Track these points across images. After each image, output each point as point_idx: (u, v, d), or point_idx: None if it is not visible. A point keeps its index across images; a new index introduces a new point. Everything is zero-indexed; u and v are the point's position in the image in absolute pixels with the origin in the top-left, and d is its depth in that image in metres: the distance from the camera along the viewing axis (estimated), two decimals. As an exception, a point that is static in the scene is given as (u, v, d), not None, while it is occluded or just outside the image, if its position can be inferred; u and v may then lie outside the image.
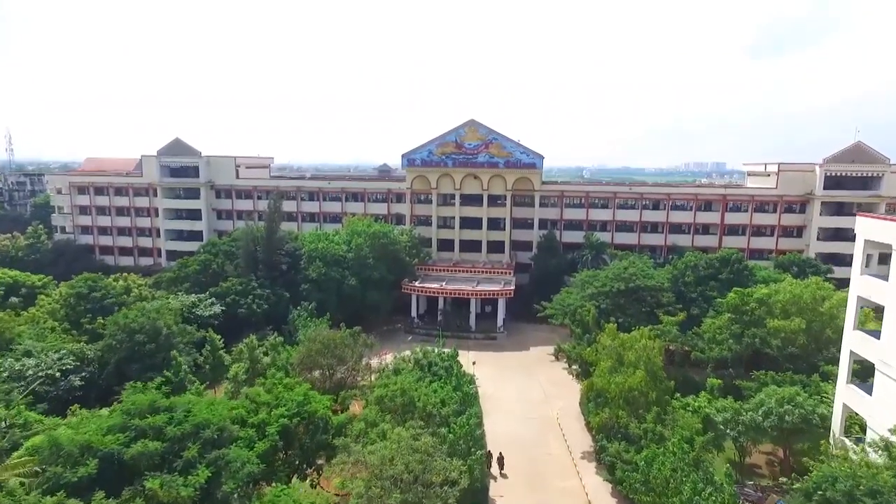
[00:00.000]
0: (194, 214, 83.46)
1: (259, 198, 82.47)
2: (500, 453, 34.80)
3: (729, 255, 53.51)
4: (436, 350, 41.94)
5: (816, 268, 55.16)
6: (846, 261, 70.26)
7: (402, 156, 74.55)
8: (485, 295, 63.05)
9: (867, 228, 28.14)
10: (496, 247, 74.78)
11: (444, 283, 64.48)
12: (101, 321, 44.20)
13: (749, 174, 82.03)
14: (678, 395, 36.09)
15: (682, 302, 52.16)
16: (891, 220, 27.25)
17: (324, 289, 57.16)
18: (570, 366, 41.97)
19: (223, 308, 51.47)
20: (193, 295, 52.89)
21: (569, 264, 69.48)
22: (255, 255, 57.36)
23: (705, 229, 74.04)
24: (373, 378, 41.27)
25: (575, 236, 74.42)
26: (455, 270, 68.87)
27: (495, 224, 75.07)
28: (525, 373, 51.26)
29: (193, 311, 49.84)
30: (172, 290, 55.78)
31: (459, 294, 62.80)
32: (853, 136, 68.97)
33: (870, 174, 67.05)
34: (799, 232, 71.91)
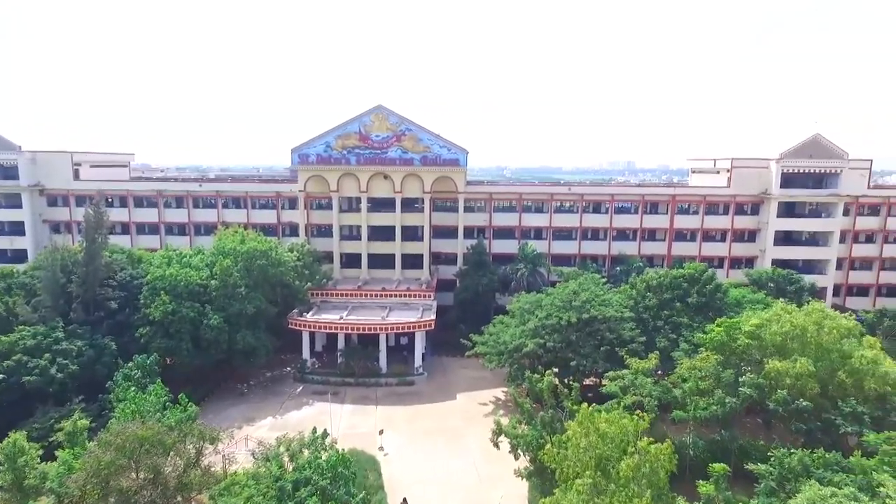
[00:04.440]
0: (16, 228, 63.55)
1: (111, 204, 64.33)
2: (405, 499, 29.90)
3: (697, 272, 43.30)
4: (318, 441, 27.83)
5: (799, 284, 46.13)
6: (797, 267, 63.34)
7: (293, 150, 59.37)
8: (398, 329, 49.43)
9: None
10: (413, 261, 61.32)
11: (345, 314, 50.12)
12: None
13: (693, 171, 73.91)
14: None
15: (645, 332, 41.41)
16: None
17: (173, 333, 41.24)
18: (514, 456, 29.21)
19: (1, 374, 34.39)
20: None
21: (501, 281, 57.69)
22: (67, 289, 40.29)
23: (651, 235, 64.76)
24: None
25: (506, 246, 62.85)
26: (362, 295, 54.73)
27: (412, 234, 61.67)
28: (451, 439, 38.18)
29: (-54, 383, 32.59)
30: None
31: (365, 329, 48.76)
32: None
33: (828, 170, 59.99)
34: (751, 236, 64.14)
